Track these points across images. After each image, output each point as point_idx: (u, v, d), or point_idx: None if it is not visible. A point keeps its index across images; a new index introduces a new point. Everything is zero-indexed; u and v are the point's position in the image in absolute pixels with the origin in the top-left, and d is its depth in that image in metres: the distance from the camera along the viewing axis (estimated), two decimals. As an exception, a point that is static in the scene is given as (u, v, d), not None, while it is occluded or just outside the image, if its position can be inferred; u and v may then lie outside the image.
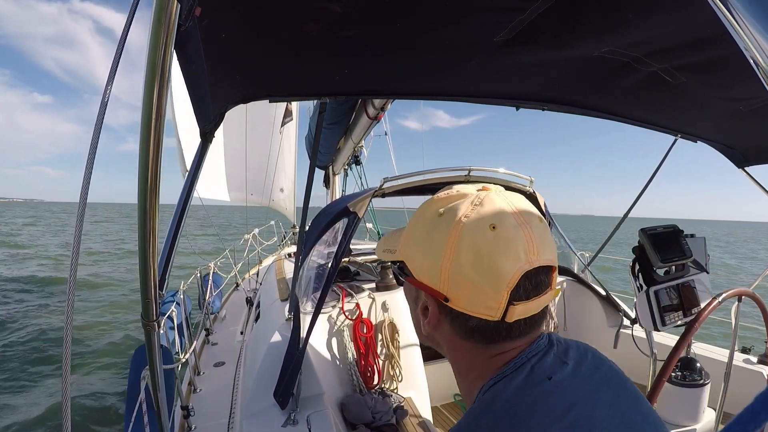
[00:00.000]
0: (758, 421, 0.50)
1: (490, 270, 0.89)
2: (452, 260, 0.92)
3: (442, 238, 0.94)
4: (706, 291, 3.16)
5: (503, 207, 0.95)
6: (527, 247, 0.91)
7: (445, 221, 0.96)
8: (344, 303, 3.70)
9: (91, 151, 1.28)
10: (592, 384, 0.93)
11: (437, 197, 1.05)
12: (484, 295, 0.91)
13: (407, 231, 1.10)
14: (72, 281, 1.36)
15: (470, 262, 0.91)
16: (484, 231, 0.91)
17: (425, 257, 0.99)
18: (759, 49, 0.62)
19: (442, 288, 0.95)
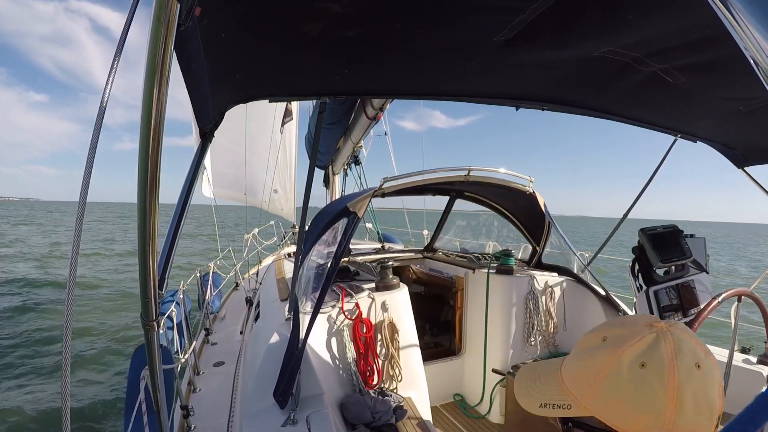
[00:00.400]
0: (758, 421, 0.50)
1: (707, 406, 0.92)
2: (676, 412, 0.91)
3: (659, 393, 0.93)
4: (706, 291, 3.16)
5: (693, 344, 0.97)
6: (717, 370, 0.96)
7: (655, 374, 0.94)
8: (344, 303, 3.70)
9: (91, 151, 1.28)
10: None
11: (624, 348, 1.00)
12: (701, 428, 0.93)
13: (596, 385, 1.02)
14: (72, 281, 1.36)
15: (692, 407, 0.91)
16: (694, 373, 0.92)
17: (640, 413, 0.95)
18: (759, 48, 0.62)
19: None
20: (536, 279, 4.75)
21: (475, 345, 4.99)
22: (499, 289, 4.69)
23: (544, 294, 4.75)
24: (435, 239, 6.51)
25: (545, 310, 4.72)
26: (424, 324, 5.80)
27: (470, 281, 5.10)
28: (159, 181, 1.27)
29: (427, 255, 6.32)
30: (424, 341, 4.68)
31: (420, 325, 4.31)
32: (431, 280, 6.04)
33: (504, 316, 4.64)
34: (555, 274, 5.00)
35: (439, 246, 6.55)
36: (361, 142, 6.98)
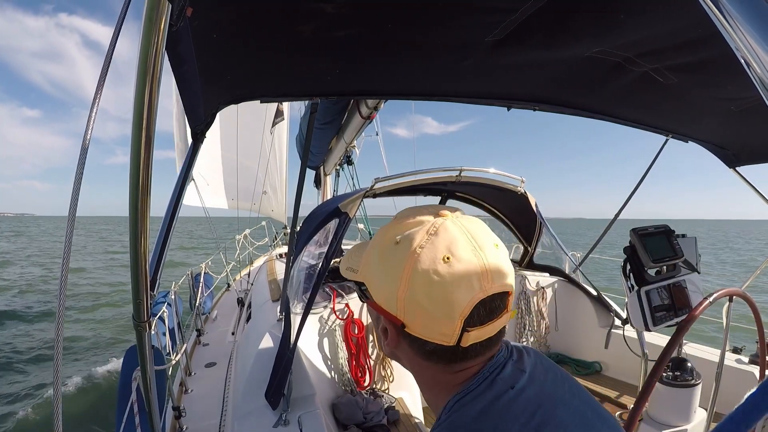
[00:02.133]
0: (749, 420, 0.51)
1: (444, 300, 0.91)
2: (407, 290, 0.94)
3: (397, 268, 0.96)
4: (697, 291, 3.17)
5: (457, 237, 0.96)
6: (481, 276, 0.93)
7: (400, 250, 0.98)
8: (335, 303, 3.70)
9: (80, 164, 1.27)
10: (549, 387, 0.97)
11: (396, 222, 1.06)
12: (439, 323, 0.93)
13: (367, 253, 1.10)
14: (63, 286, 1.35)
15: (424, 293, 0.92)
16: (437, 263, 0.92)
17: (382, 284, 1.01)
18: (750, 49, 0.62)
19: (398, 315, 0.97)
20: (528, 279, 4.76)
21: None
22: None
23: (535, 294, 4.76)
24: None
25: (537, 310, 4.73)
26: None
27: None
28: (151, 182, 1.27)
29: None
30: None
31: None
32: None
33: None
34: (547, 275, 5.01)
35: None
36: (354, 141, 6.98)
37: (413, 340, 0.98)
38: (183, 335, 5.43)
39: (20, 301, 17.87)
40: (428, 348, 0.97)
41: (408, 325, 0.97)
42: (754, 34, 0.62)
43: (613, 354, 3.95)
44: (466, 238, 0.96)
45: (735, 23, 0.63)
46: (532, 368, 1.00)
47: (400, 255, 0.96)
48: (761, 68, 0.61)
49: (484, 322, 0.94)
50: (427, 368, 1.03)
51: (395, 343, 1.03)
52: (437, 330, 0.93)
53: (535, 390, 0.94)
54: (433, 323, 0.93)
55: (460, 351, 0.95)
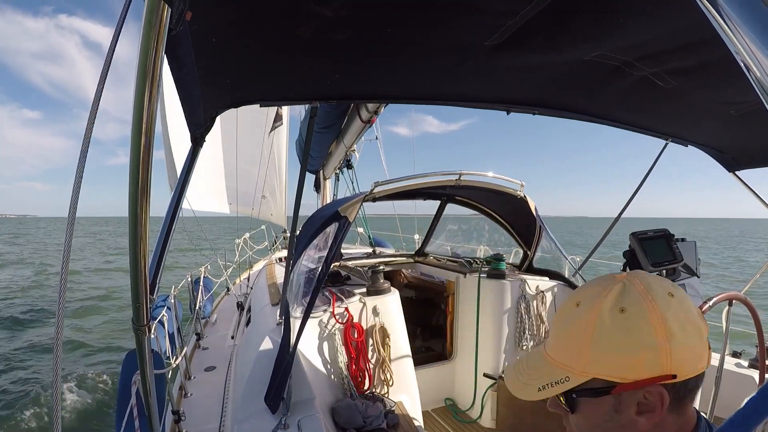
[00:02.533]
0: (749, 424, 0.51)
1: (694, 328, 0.98)
2: (668, 340, 0.95)
3: (646, 328, 0.96)
4: (697, 295, 3.16)
5: (657, 280, 1.03)
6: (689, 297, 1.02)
7: (636, 314, 0.98)
8: (335, 307, 3.70)
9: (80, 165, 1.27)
10: None
11: (599, 304, 1.04)
12: (698, 351, 0.98)
13: (585, 348, 1.04)
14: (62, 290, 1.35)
15: (680, 331, 0.95)
16: (670, 301, 0.98)
17: (637, 354, 0.97)
18: (750, 53, 0.62)
19: (666, 370, 0.96)
20: (527, 283, 4.75)
21: (466, 349, 4.99)
22: (491, 294, 4.69)
23: (535, 298, 4.75)
24: (426, 243, 6.52)
25: (536, 314, 4.72)
26: (416, 328, 5.80)
27: (461, 286, 5.10)
28: (150, 186, 1.27)
29: (419, 259, 6.32)
30: (415, 346, 4.68)
31: (411, 329, 4.31)
32: (422, 284, 6.04)
33: (495, 320, 4.64)
34: (546, 279, 5.01)
35: (430, 250, 6.55)
36: (354, 145, 6.98)
37: (677, 389, 0.99)
38: (183, 339, 5.43)
39: (19, 302, 17.87)
40: (690, 385, 1.00)
41: (679, 373, 0.96)
42: (754, 38, 0.62)
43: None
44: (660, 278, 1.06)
45: (735, 27, 0.64)
46: None
47: (640, 316, 0.98)
48: (761, 72, 0.61)
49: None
50: (669, 426, 1.03)
51: (664, 407, 0.99)
52: (698, 359, 0.98)
53: None
54: (694, 355, 0.97)
55: (700, 377, 1.01)
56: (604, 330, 1.00)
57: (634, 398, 1.00)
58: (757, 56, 0.61)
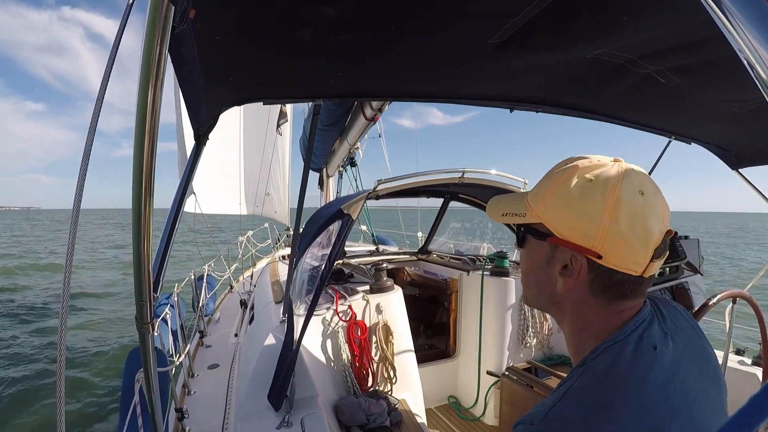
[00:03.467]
0: (753, 422, 0.50)
1: (643, 230, 1.01)
2: (611, 221, 1.01)
3: (598, 202, 1.03)
4: (700, 293, 3.16)
5: (641, 176, 1.07)
6: (663, 212, 1.05)
7: (598, 186, 1.04)
8: (338, 305, 3.70)
9: (85, 156, 1.27)
10: (686, 356, 1.05)
11: (575, 165, 1.11)
12: (636, 252, 1.02)
13: (547, 195, 1.13)
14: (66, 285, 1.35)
15: (627, 223, 1.01)
16: (636, 196, 1.02)
17: (579, 218, 1.05)
18: (753, 50, 0.62)
19: (595, 246, 1.03)
20: None
21: (469, 347, 5.00)
22: (494, 291, 4.69)
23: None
24: (429, 241, 6.51)
25: (539, 312, 4.72)
26: (419, 326, 5.80)
27: (465, 283, 5.11)
28: (154, 183, 1.27)
29: (422, 257, 6.32)
30: (418, 343, 4.68)
31: (414, 327, 4.31)
32: (426, 282, 6.04)
33: (498, 318, 4.65)
34: None
35: (433, 248, 6.55)
36: (357, 143, 6.98)
37: (601, 273, 1.05)
38: (186, 337, 5.43)
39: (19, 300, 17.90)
40: (615, 279, 1.05)
41: (605, 256, 1.03)
42: (757, 35, 0.62)
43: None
44: (648, 179, 1.07)
45: (738, 25, 0.63)
46: (673, 334, 1.07)
47: (600, 190, 1.04)
48: (764, 70, 0.61)
49: (660, 255, 1.05)
50: (591, 306, 1.10)
51: (584, 276, 1.08)
52: (632, 258, 1.03)
53: (674, 356, 1.01)
54: (630, 252, 1.02)
55: (638, 282, 1.06)
56: (567, 188, 1.08)
57: (563, 257, 1.09)
58: (760, 54, 0.61)
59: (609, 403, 0.92)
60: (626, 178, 1.04)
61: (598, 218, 1.02)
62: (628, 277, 1.04)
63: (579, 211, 1.05)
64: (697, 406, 0.96)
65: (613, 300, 1.08)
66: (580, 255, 1.06)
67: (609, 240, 1.01)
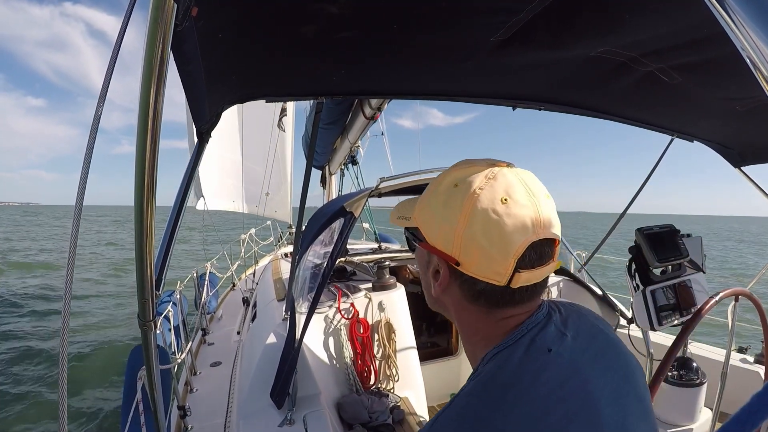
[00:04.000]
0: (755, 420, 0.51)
1: (500, 238, 0.97)
2: (465, 227, 1.00)
3: (457, 208, 1.02)
4: (703, 291, 3.16)
5: (514, 182, 1.02)
6: (534, 220, 0.99)
7: (460, 192, 1.03)
8: (340, 303, 3.70)
9: (87, 153, 1.28)
10: (588, 355, 1.01)
11: (453, 170, 1.11)
12: (493, 261, 0.99)
13: (423, 199, 1.15)
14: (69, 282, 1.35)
15: (482, 231, 0.98)
16: (495, 203, 0.99)
17: (440, 224, 1.05)
18: (756, 48, 0.62)
19: (454, 253, 1.02)
20: None
21: None
22: None
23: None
24: (432, 239, 6.50)
25: (542, 309, 4.72)
26: (421, 324, 5.80)
27: None
28: (156, 181, 1.27)
29: None
30: (420, 341, 4.68)
31: (417, 325, 4.31)
32: None
33: None
34: (552, 274, 5.00)
35: (436, 246, 6.54)
36: (358, 141, 6.98)
37: (465, 280, 1.05)
38: (188, 334, 5.43)
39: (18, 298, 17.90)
40: (478, 287, 1.03)
41: (463, 263, 1.02)
42: (760, 33, 0.62)
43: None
44: (522, 185, 1.02)
45: (740, 23, 0.63)
46: (574, 333, 1.04)
47: (460, 196, 1.03)
48: (766, 68, 0.61)
49: (534, 266, 1.01)
50: (472, 313, 1.09)
51: (446, 283, 1.08)
52: (491, 268, 0.99)
53: (574, 357, 0.98)
54: (487, 261, 0.99)
55: (508, 293, 1.02)
56: (436, 193, 1.10)
57: (435, 263, 1.10)
58: (763, 52, 0.61)
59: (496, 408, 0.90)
60: (490, 184, 1.02)
61: (455, 224, 1.02)
62: (491, 286, 1.02)
63: (442, 216, 1.06)
64: (604, 406, 0.93)
65: (492, 308, 1.06)
66: (441, 261, 1.07)
67: (464, 247, 1.01)
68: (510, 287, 1.00)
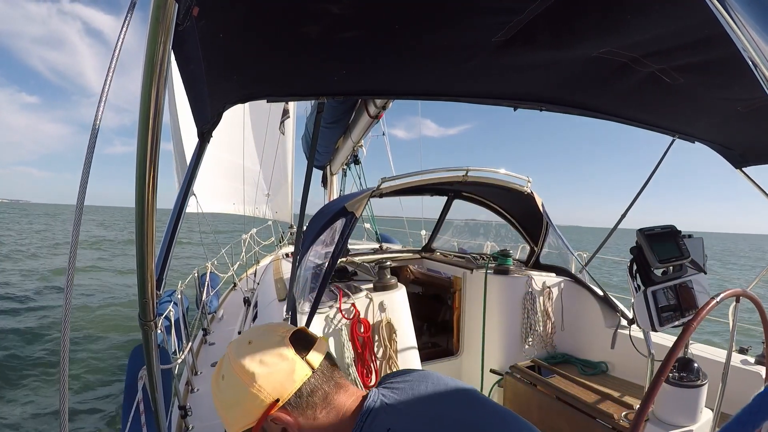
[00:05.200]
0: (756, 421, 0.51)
1: (273, 355, 1.20)
2: (250, 379, 1.16)
3: (234, 383, 1.18)
4: (704, 291, 3.16)
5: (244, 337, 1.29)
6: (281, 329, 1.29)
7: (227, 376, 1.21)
8: (341, 303, 3.70)
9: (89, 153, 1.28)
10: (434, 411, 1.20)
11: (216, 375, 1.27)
12: (284, 371, 1.18)
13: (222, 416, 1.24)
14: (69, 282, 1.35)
15: (260, 366, 1.17)
16: (244, 347, 1.23)
17: (241, 405, 1.18)
18: (757, 49, 0.62)
19: (267, 401, 1.15)
20: (534, 279, 4.75)
21: (472, 345, 4.99)
22: (497, 290, 4.69)
23: (541, 294, 4.75)
24: (433, 239, 6.52)
25: (543, 310, 4.72)
26: (422, 324, 5.80)
27: (468, 281, 5.10)
28: (157, 182, 1.27)
29: (425, 255, 6.31)
30: (422, 341, 4.68)
31: (418, 325, 4.31)
32: (429, 280, 6.04)
33: (502, 316, 4.64)
34: (553, 275, 5.00)
35: (437, 246, 6.55)
36: (361, 141, 6.98)
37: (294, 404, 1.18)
38: (189, 334, 5.44)
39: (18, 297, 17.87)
40: (304, 393, 1.19)
41: (280, 396, 1.16)
42: (762, 34, 0.62)
43: (620, 354, 3.94)
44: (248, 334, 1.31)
45: (742, 24, 0.63)
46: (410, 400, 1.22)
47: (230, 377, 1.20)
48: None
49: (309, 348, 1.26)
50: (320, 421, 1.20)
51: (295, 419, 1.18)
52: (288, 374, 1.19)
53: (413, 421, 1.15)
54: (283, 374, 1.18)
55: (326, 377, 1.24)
56: (218, 398, 1.23)
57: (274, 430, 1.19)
58: (764, 53, 0.61)
59: None
60: (231, 349, 1.24)
61: (246, 389, 1.16)
62: (309, 381, 1.20)
63: (236, 401, 1.18)
64: None
65: (329, 403, 1.21)
66: (270, 418, 1.16)
67: (266, 388, 1.15)
68: (316, 369, 1.22)
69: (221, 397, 1.21)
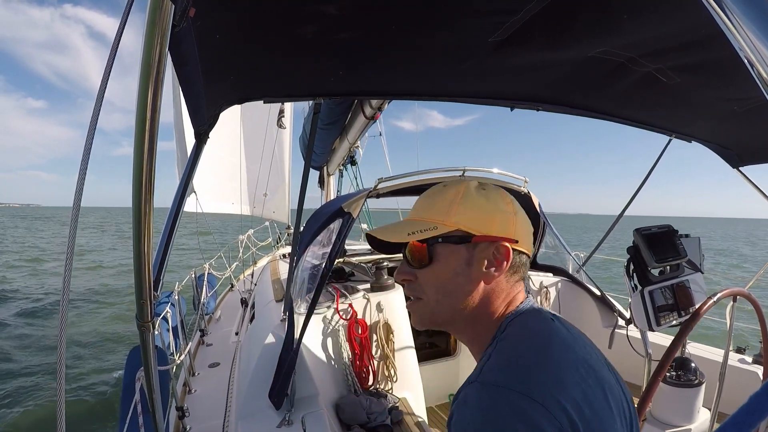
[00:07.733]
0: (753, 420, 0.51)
1: (527, 220, 1.28)
2: (515, 212, 1.24)
3: (500, 200, 1.25)
4: (701, 291, 3.16)
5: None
6: None
7: (492, 191, 1.26)
8: (339, 303, 3.70)
9: (85, 155, 1.27)
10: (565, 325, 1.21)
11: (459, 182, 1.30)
12: (530, 236, 1.29)
13: (455, 206, 1.24)
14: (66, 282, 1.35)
15: (521, 213, 1.27)
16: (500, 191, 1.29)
17: (493, 215, 1.22)
18: (754, 49, 0.62)
19: (511, 234, 1.21)
20: (531, 279, 4.75)
21: None
22: None
23: (539, 294, 4.75)
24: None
25: (540, 310, 4.72)
26: None
27: None
28: (154, 182, 1.27)
29: None
30: (419, 342, 4.68)
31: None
32: None
33: None
34: (550, 275, 5.00)
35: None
36: (357, 142, 6.98)
37: (515, 256, 1.22)
38: (186, 335, 5.43)
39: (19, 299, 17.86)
40: (522, 260, 1.25)
41: (520, 240, 1.22)
42: (759, 34, 0.62)
43: (617, 354, 3.94)
44: None
45: (739, 24, 0.64)
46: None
47: (495, 193, 1.26)
48: (764, 68, 0.61)
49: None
50: (497, 295, 1.22)
51: (504, 266, 1.20)
52: (529, 241, 1.28)
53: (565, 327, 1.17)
54: (529, 236, 1.27)
55: (529, 263, 1.30)
56: (470, 196, 1.24)
57: (486, 253, 1.21)
58: (761, 53, 0.61)
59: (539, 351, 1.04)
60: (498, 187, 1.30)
61: (507, 211, 1.23)
62: (527, 258, 1.27)
63: (490, 209, 1.22)
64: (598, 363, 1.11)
65: (517, 282, 1.25)
66: (501, 245, 1.19)
67: (518, 226, 1.23)
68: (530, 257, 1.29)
69: (473, 196, 1.24)
